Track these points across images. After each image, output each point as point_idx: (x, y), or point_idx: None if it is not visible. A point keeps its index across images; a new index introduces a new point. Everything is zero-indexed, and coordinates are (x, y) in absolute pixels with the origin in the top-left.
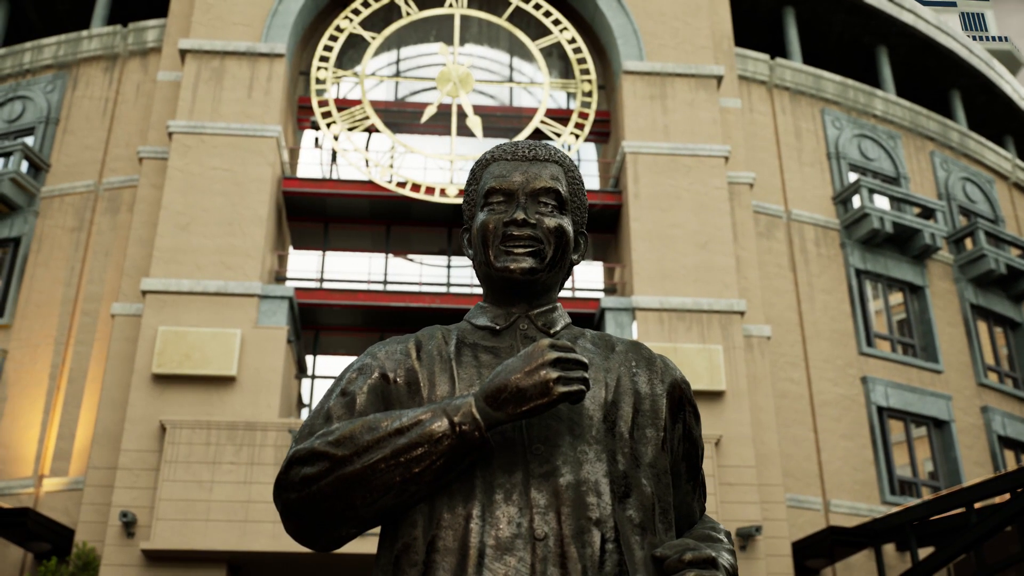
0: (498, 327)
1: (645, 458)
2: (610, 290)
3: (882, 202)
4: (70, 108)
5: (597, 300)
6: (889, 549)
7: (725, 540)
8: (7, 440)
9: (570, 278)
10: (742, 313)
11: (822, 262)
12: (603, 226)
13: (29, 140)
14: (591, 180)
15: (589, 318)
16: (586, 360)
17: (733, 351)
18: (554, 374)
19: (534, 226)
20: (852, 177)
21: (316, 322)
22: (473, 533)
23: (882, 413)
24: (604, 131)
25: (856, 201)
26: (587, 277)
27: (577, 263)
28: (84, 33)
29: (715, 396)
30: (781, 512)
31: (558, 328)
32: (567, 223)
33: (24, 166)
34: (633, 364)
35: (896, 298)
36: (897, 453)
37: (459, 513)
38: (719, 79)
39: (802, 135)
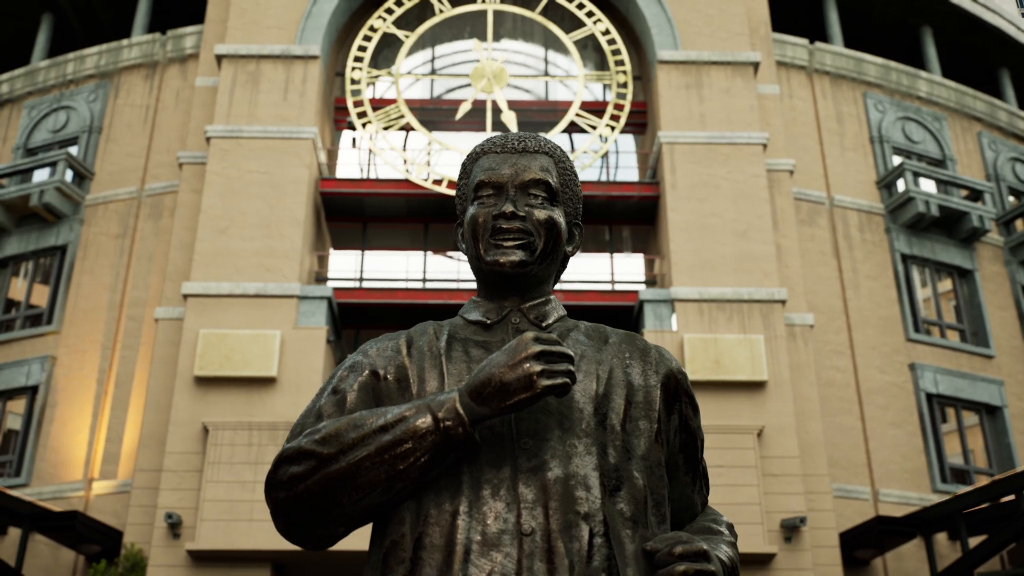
0: (489, 321)
1: (638, 450)
2: (651, 282)
3: (928, 185)
4: (112, 116)
5: (636, 293)
6: (941, 538)
7: (726, 532)
8: (57, 444)
9: (609, 271)
10: (783, 302)
11: (867, 248)
12: (642, 217)
13: (73, 149)
14: (630, 172)
15: (628, 311)
16: (571, 352)
17: (775, 340)
18: (538, 367)
19: (524, 218)
20: (896, 161)
21: (356, 321)
22: (460, 529)
23: (932, 400)
24: (642, 122)
25: (900, 185)
26: (627, 269)
27: (572, 254)
28: (124, 42)
29: (757, 386)
30: (827, 502)
31: (550, 321)
32: (558, 214)
33: (69, 175)
34: (627, 355)
35: (944, 283)
36: (948, 441)
37: (446, 509)
38: (755, 66)
39: (844, 120)
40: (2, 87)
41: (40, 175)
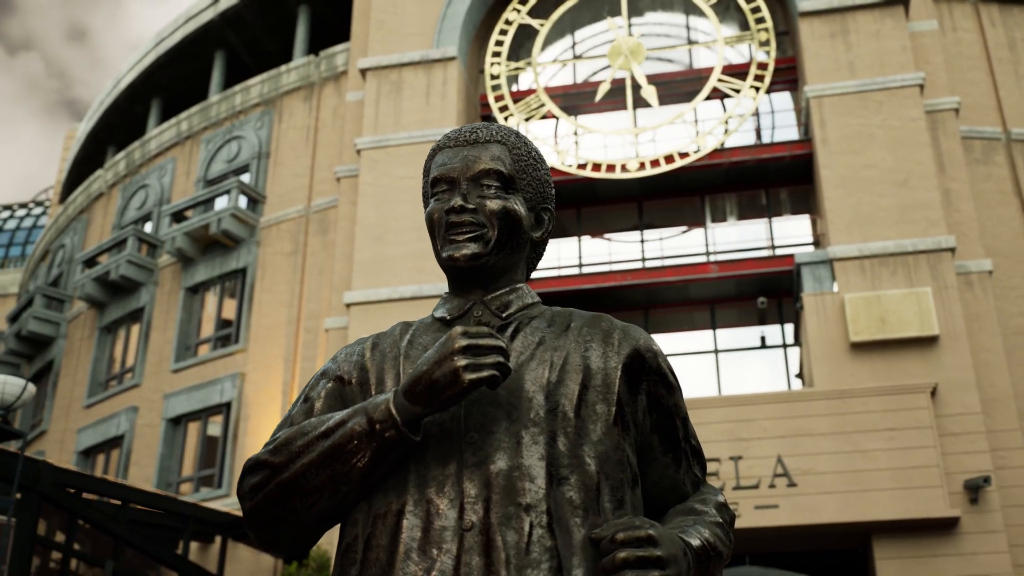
0: (450, 317)
1: (592, 436)
2: (817, 243)
3: None
4: (278, 141)
5: (792, 256)
6: None
7: (711, 512)
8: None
9: (769, 235)
10: (952, 250)
11: None
12: (799, 177)
13: (246, 177)
14: (788, 131)
15: (787, 276)
16: (501, 343)
17: (945, 292)
18: (463, 361)
19: (474, 211)
20: None
21: None
22: (404, 528)
23: None
24: (795, 78)
25: None
26: (787, 233)
27: (541, 240)
28: (283, 68)
29: (927, 342)
30: (1019, 459)
31: (512, 310)
32: (514, 202)
33: (243, 201)
34: (587, 339)
35: None
36: None
37: (392, 509)
38: (906, 3)
39: (1017, 46)
40: (182, 125)
41: (220, 204)
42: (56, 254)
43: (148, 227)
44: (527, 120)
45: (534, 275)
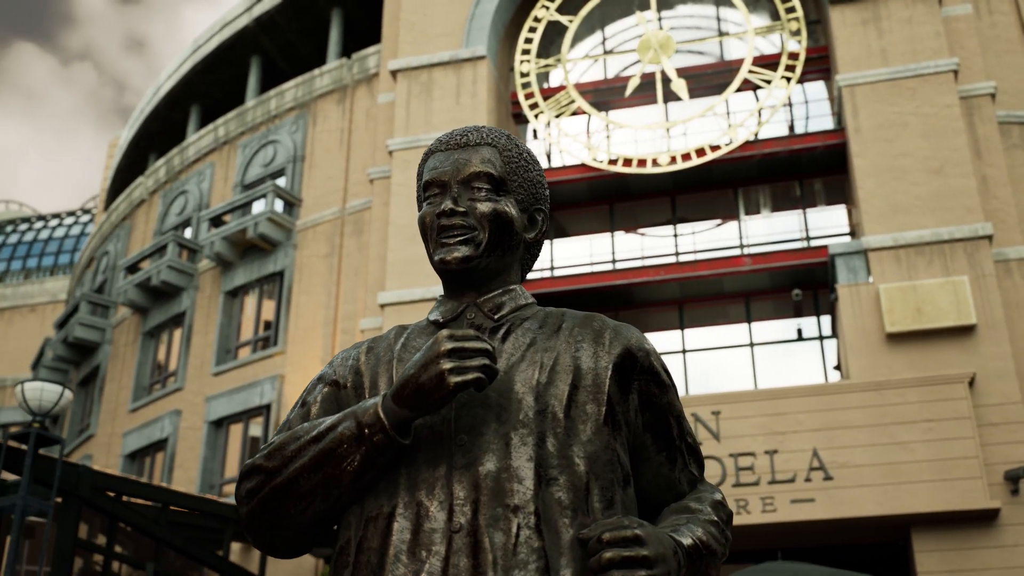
0: (442, 320)
1: (582, 436)
2: (853, 233)
3: None
4: (313, 144)
5: (826, 248)
6: None
7: (707, 511)
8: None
9: (803, 226)
10: (990, 237)
11: None
12: (834, 167)
13: (282, 180)
14: (821, 121)
15: (821, 268)
16: (487, 345)
17: (982, 280)
18: (448, 365)
19: (465, 214)
20: None
21: None
22: (394, 531)
23: None
24: (826, 67)
25: None
26: (821, 224)
27: (535, 241)
28: (316, 72)
29: (965, 331)
30: None
31: (504, 312)
32: (505, 205)
33: (279, 205)
34: (578, 339)
35: None
36: None
37: (384, 511)
38: None
39: None
40: (219, 130)
41: (257, 208)
42: (101, 261)
43: (188, 232)
44: (557, 117)
45: (567, 272)
